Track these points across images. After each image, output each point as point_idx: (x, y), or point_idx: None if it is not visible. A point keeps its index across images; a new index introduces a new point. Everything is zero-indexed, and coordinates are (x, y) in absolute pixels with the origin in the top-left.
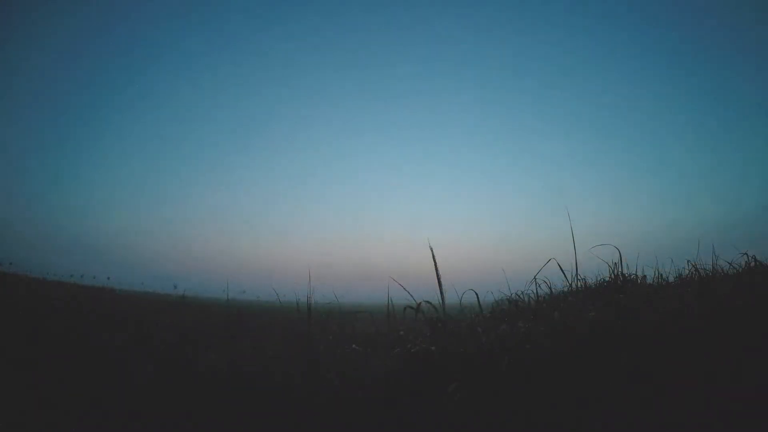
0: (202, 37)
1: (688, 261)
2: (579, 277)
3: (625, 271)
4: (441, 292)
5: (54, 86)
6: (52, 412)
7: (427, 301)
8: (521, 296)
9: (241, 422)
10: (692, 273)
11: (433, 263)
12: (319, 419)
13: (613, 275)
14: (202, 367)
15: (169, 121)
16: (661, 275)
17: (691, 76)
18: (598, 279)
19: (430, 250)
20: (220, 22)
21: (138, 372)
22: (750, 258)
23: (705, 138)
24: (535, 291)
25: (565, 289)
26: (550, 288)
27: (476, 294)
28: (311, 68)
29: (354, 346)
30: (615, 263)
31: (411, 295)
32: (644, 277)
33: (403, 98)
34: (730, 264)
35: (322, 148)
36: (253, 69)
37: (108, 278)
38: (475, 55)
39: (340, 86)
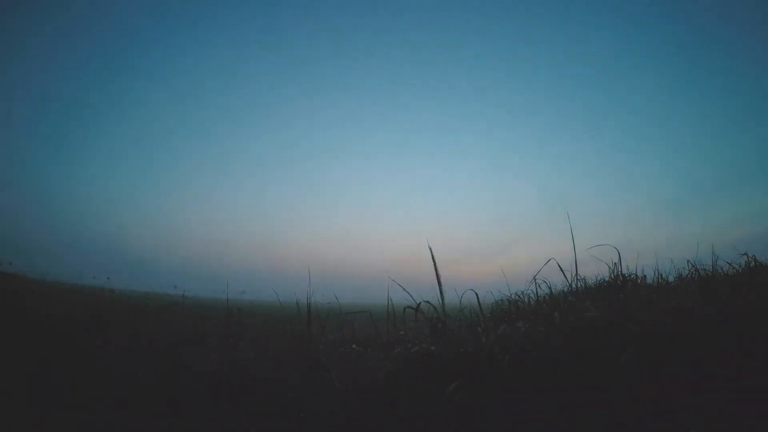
0: (197, 36)
1: (687, 261)
2: (579, 277)
3: (624, 271)
4: (441, 292)
5: (52, 85)
6: (52, 412)
7: (427, 302)
8: (521, 296)
9: (242, 423)
10: (692, 273)
11: (432, 263)
12: (320, 419)
13: (612, 275)
14: (203, 368)
15: (168, 120)
16: (661, 275)
17: (691, 74)
18: (598, 279)
19: (429, 251)
20: (217, 19)
21: (139, 372)
22: (750, 258)
23: (706, 137)
24: (535, 291)
25: (565, 289)
26: (550, 288)
27: (476, 294)
28: (310, 64)
29: (354, 346)
30: (615, 263)
31: (411, 296)
32: (644, 277)
33: (403, 97)
34: (730, 264)
35: (322, 146)
36: (253, 65)
37: (107, 278)
38: (475, 53)
39: (340, 83)
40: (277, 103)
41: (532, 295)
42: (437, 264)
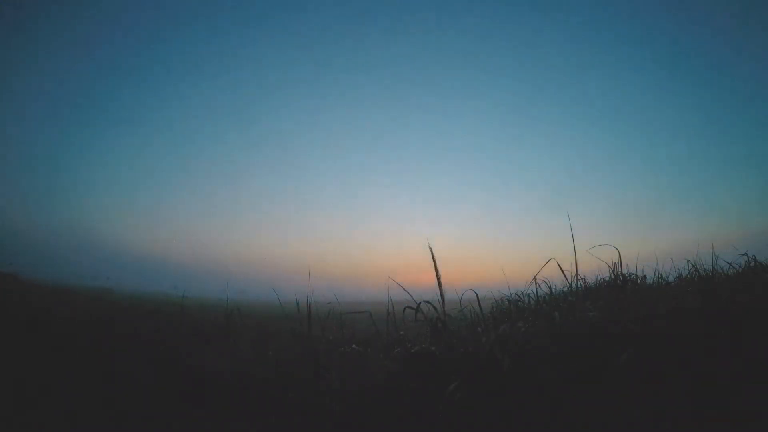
0: (198, 36)
1: (688, 261)
2: (579, 277)
3: (624, 271)
4: (441, 292)
5: (53, 87)
6: (52, 413)
7: (427, 302)
8: (521, 296)
9: (243, 423)
10: (692, 273)
11: (432, 263)
12: (320, 420)
13: (613, 275)
14: (203, 368)
15: (167, 120)
16: (661, 275)
17: (694, 74)
18: (598, 279)
19: (429, 250)
20: (215, 21)
21: (139, 374)
22: (750, 258)
23: (707, 137)
24: (535, 291)
25: (565, 289)
26: (550, 288)
27: (476, 294)
28: (308, 66)
29: (354, 346)
30: (615, 263)
31: (411, 296)
32: (644, 277)
33: (401, 96)
34: (730, 264)
35: (321, 146)
36: (250, 67)
37: (107, 278)
38: (473, 51)
39: (337, 84)
40: (279, 105)
41: (532, 295)
42: (437, 264)
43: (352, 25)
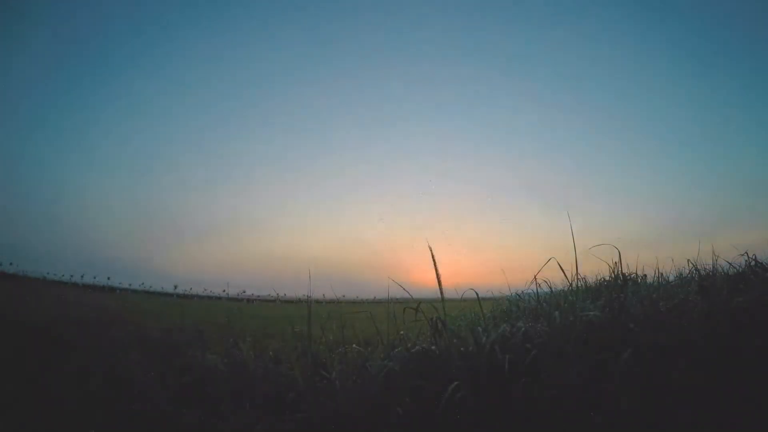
0: (197, 35)
1: (688, 261)
2: (579, 277)
3: (625, 270)
4: (441, 292)
5: (53, 83)
6: (52, 413)
7: (428, 301)
8: (521, 296)
9: (243, 424)
10: (692, 273)
11: (432, 263)
12: (321, 420)
13: (613, 275)
14: (204, 369)
15: (166, 118)
16: (662, 275)
17: (694, 71)
18: (599, 278)
19: (429, 250)
20: (214, 19)
21: (139, 373)
22: (750, 258)
23: (707, 137)
24: (535, 291)
25: (566, 288)
26: (550, 287)
27: (476, 294)
28: (306, 61)
29: (354, 345)
30: (615, 263)
31: (411, 295)
32: (644, 276)
33: (401, 93)
34: (730, 264)
35: (320, 144)
36: (250, 63)
37: (108, 278)
38: (473, 50)
39: (338, 81)
40: (278, 100)
41: (532, 295)
42: (437, 263)
43: (353, 22)
